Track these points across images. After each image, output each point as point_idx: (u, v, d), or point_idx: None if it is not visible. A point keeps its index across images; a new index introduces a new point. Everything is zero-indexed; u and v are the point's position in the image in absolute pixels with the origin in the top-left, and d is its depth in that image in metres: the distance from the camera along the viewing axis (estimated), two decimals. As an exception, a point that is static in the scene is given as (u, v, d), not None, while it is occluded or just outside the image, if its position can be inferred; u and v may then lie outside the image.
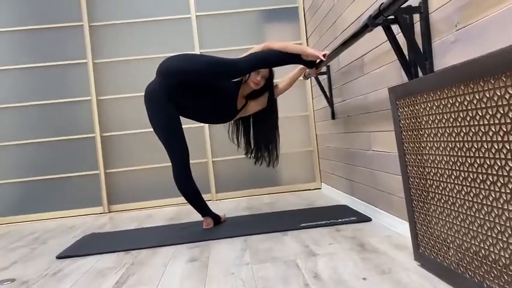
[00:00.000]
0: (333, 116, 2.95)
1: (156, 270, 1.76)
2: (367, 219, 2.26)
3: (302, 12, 3.69)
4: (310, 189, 3.69)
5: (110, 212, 3.58)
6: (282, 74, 2.76)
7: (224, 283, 1.51)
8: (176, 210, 3.33)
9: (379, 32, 1.76)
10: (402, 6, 1.43)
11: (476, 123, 1.04)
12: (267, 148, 2.61)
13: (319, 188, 3.70)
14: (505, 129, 0.94)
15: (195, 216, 2.73)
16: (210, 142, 3.64)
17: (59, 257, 2.13)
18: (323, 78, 3.06)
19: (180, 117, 2.45)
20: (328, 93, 2.96)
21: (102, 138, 3.59)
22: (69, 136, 3.59)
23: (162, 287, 1.54)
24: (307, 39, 3.67)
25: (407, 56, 1.63)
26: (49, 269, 1.93)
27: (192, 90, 2.42)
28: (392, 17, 1.52)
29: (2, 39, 3.56)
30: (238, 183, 3.68)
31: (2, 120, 3.55)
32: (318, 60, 2.39)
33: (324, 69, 2.74)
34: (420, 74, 1.58)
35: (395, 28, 1.62)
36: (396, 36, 1.62)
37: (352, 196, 2.69)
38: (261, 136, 2.63)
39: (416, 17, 1.57)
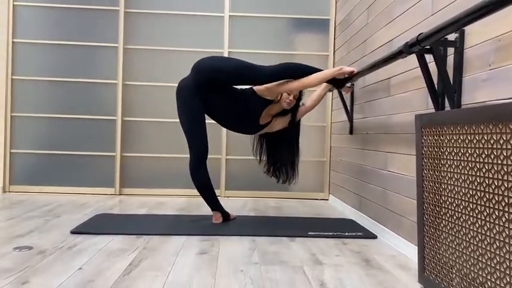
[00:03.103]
0: (351, 131, 3.01)
1: (168, 258, 1.83)
2: (373, 236, 2.31)
3: (333, 25, 3.75)
4: (317, 199, 3.75)
5: (120, 195, 3.66)
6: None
7: (233, 279, 1.58)
8: (186, 201, 3.41)
9: (409, 58, 1.82)
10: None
11: (499, 161, 1.10)
12: (285, 167, 2.74)
13: (327, 199, 3.75)
14: (527, 172, 0.99)
15: (205, 209, 2.80)
16: (226, 140, 3.72)
17: (73, 232, 2.21)
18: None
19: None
20: (349, 108, 3.02)
21: (123, 121, 3.68)
22: (91, 116, 3.68)
23: (174, 275, 1.61)
24: (334, 52, 3.73)
25: (436, 86, 1.69)
26: (64, 242, 2.01)
27: (221, 92, 2.54)
28: (428, 47, 1.58)
29: (39, 14, 3.66)
30: (247, 183, 3.74)
31: (29, 92, 3.65)
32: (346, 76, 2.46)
33: (348, 84, 2.79)
34: (447, 104, 1.64)
35: (427, 57, 1.67)
36: (428, 64, 1.67)
37: (360, 211, 2.74)
38: (282, 155, 2.73)
39: (451, 50, 1.63)
